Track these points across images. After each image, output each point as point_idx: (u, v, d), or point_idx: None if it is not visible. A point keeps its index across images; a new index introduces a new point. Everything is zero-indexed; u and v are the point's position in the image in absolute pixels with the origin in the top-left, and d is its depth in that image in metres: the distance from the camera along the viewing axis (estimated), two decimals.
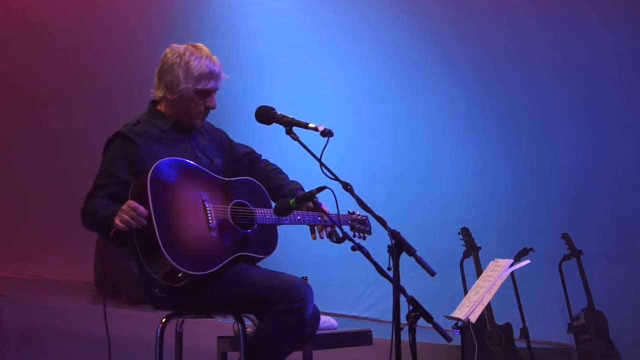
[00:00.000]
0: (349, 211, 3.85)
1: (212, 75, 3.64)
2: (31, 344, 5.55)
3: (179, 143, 3.66)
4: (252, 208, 3.61)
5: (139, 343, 4.98)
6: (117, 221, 3.32)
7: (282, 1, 7.26)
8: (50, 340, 5.57)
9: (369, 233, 3.90)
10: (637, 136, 7.04)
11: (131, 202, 3.33)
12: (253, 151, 3.95)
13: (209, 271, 3.42)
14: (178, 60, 3.61)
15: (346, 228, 3.65)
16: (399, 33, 7.18)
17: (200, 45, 3.69)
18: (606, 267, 6.79)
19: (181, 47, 3.65)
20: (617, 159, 7.04)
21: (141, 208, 3.32)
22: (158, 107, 3.71)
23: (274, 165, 3.94)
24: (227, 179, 3.67)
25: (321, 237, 3.71)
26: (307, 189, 3.48)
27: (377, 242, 3.70)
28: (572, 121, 7.09)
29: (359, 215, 3.89)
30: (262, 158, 3.95)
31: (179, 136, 3.68)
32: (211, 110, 3.72)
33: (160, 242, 3.30)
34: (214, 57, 3.68)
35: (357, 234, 3.83)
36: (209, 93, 3.66)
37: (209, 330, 4.81)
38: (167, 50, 3.68)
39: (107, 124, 7.06)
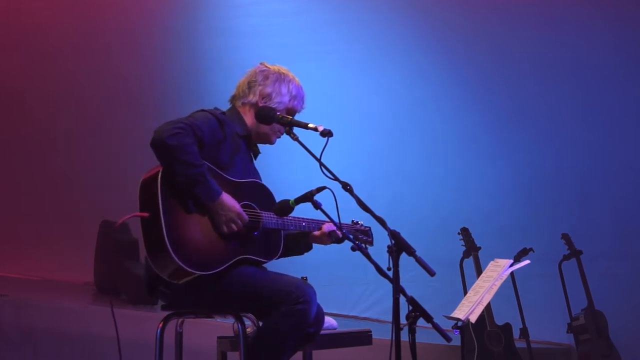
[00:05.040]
0: (352, 221, 3.86)
1: (303, 100, 3.79)
2: (31, 344, 5.54)
3: (244, 153, 3.69)
4: (259, 211, 3.60)
5: (138, 343, 4.97)
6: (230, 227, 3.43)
7: (282, 1, 7.27)
8: (50, 340, 5.56)
9: (371, 244, 3.90)
10: (637, 136, 7.03)
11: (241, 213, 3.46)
12: None
13: (214, 271, 3.42)
14: (281, 76, 3.73)
15: None
16: (399, 33, 7.19)
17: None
18: (606, 267, 6.78)
19: (277, 67, 3.77)
20: (617, 159, 7.04)
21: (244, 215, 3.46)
22: (240, 110, 3.73)
23: None
24: (237, 180, 3.63)
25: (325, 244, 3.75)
26: (307, 189, 3.48)
27: (377, 242, 3.70)
28: (572, 121, 7.09)
29: (362, 225, 3.91)
30: None
31: (247, 147, 3.72)
32: None
33: (167, 240, 3.30)
34: None
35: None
36: (294, 114, 3.73)
37: (209, 330, 4.81)
38: (260, 66, 3.75)
39: (107, 124, 7.14)
